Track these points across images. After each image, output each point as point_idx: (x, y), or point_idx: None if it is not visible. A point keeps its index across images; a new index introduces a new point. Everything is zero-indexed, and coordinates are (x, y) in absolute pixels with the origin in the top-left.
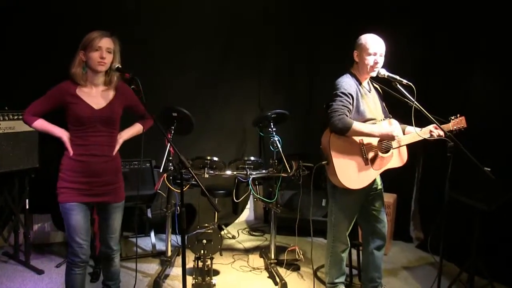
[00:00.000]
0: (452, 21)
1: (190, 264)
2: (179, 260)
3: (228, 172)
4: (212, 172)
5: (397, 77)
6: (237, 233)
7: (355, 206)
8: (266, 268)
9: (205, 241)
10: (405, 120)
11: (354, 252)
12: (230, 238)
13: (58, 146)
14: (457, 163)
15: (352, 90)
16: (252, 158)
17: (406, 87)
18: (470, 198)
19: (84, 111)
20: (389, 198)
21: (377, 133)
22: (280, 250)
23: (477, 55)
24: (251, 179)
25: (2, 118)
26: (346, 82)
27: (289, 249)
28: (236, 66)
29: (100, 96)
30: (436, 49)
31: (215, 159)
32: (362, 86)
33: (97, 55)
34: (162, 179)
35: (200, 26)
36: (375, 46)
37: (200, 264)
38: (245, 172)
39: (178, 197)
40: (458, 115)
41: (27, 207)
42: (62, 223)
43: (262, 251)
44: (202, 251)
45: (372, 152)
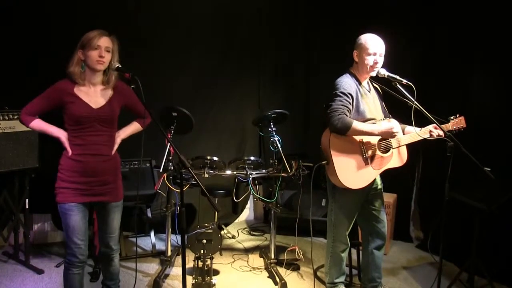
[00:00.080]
0: (452, 21)
1: (190, 264)
2: (179, 259)
3: (228, 172)
4: (212, 172)
5: (397, 77)
6: (237, 233)
7: (355, 206)
8: (266, 268)
9: (205, 241)
10: (405, 120)
11: (354, 252)
12: (230, 238)
13: (58, 146)
14: (457, 163)
15: (351, 90)
16: (252, 158)
17: (406, 87)
18: (470, 198)
19: (82, 110)
20: (389, 198)
21: (377, 131)
22: (280, 250)
23: (477, 55)
24: (251, 179)
25: (2, 117)
26: (346, 82)
27: (289, 249)
28: (236, 66)
29: (99, 95)
30: (436, 49)
31: (215, 159)
32: (362, 86)
33: (96, 54)
34: (162, 179)
35: (200, 26)
36: (374, 46)
37: (200, 264)
38: (245, 172)
39: (178, 197)
40: (457, 115)
41: (27, 206)
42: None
43: (262, 251)
44: (202, 251)
45: (372, 152)
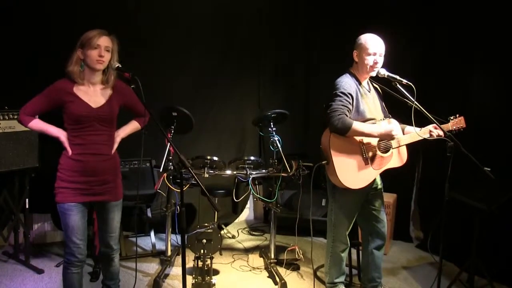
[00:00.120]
0: (452, 21)
1: (190, 264)
2: (179, 259)
3: (228, 172)
4: (212, 171)
5: (397, 77)
6: (237, 232)
7: (355, 205)
8: (266, 267)
9: (205, 240)
10: (405, 120)
11: (354, 251)
12: (230, 237)
13: (58, 146)
14: (457, 163)
15: (351, 90)
16: (252, 158)
17: (406, 87)
18: (470, 198)
19: (82, 110)
20: (389, 198)
21: (376, 133)
22: (280, 249)
23: (477, 55)
24: (251, 178)
25: (2, 117)
26: (346, 82)
27: (289, 248)
28: (236, 66)
29: (98, 94)
30: (436, 49)
31: (215, 158)
32: (362, 86)
33: (96, 54)
34: (162, 178)
35: (200, 26)
36: (374, 46)
37: (200, 264)
38: (245, 172)
39: (178, 197)
40: (457, 115)
41: (27, 206)
42: None
43: (262, 250)
44: (202, 251)
45: (372, 152)
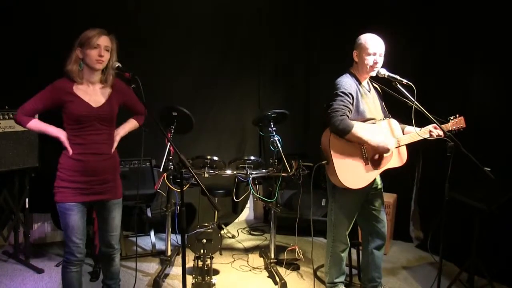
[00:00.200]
0: (452, 21)
1: (190, 264)
2: (179, 259)
3: (228, 172)
4: (212, 171)
5: (397, 77)
6: (237, 232)
7: (355, 205)
8: (266, 267)
9: (205, 240)
10: (405, 120)
11: (354, 251)
12: (230, 237)
13: (58, 146)
14: (457, 163)
15: (352, 89)
16: (252, 158)
17: (406, 87)
18: (470, 198)
19: (82, 110)
20: (389, 198)
21: (374, 142)
22: (280, 249)
23: (477, 55)
24: (251, 178)
25: (2, 117)
26: (346, 82)
27: (289, 248)
28: (236, 66)
29: (98, 93)
30: (436, 49)
31: (215, 158)
32: (362, 85)
33: (96, 53)
34: (162, 178)
35: (200, 26)
36: (374, 46)
37: (200, 264)
38: (245, 172)
39: (178, 197)
40: (457, 115)
41: (27, 206)
42: None
43: (262, 250)
44: (202, 251)
45: (372, 152)
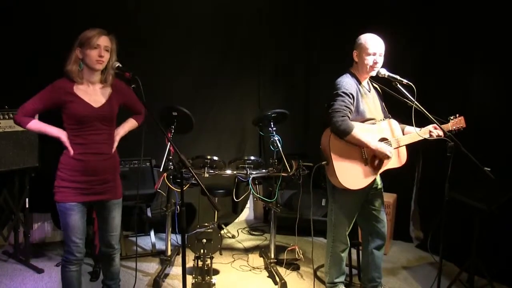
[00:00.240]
0: (452, 21)
1: (190, 264)
2: (179, 259)
3: (228, 172)
4: (212, 171)
5: (397, 77)
6: (237, 232)
7: (354, 206)
8: (266, 267)
9: (205, 240)
10: (405, 120)
11: (354, 251)
12: (230, 237)
13: (58, 145)
14: (457, 163)
15: (352, 89)
16: (252, 158)
17: (406, 87)
18: (470, 198)
19: (83, 110)
20: (389, 198)
21: (373, 146)
22: (279, 249)
23: (477, 55)
24: (251, 178)
25: (2, 117)
26: (347, 82)
27: (289, 248)
28: (236, 66)
29: (98, 93)
30: (436, 49)
31: (215, 158)
32: (362, 85)
33: (96, 54)
34: (162, 178)
35: (200, 26)
36: (374, 46)
37: (200, 264)
38: (245, 172)
39: (178, 196)
40: (457, 115)
41: (27, 206)
42: None
43: (262, 250)
44: (202, 251)
45: (372, 153)
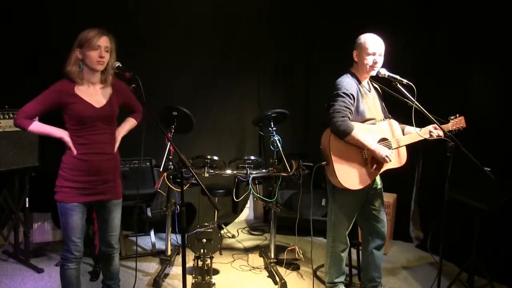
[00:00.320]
0: (452, 21)
1: (190, 263)
2: (179, 259)
3: (228, 171)
4: (212, 171)
5: (398, 77)
6: (236, 232)
7: (354, 206)
8: (266, 267)
9: (205, 240)
10: (405, 120)
11: (354, 251)
12: (230, 237)
13: (57, 145)
14: (457, 163)
15: (353, 90)
16: (252, 158)
17: (406, 87)
18: (470, 198)
19: (85, 110)
20: (389, 198)
21: (372, 148)
22: (279, 249)
23: (477, 55)
24: (251, 178)
25: (2, 116)
26: (347, 82)
27: (289, 248)
28: (236, 66)
29: (99, 94)
30: (436, 49)
31: (215, 158)
32: (362, 85)
33: (96, 54)
34: (162, 178)
35: (200, 26)
36: (374, 45)
37: (200, 263)
38: (245, 172)
39: (178, 196)
40: (457, 115)
41: (27, 205)
42: None
43: (262, 250)
44: (202, 250)
45: (372, 153)
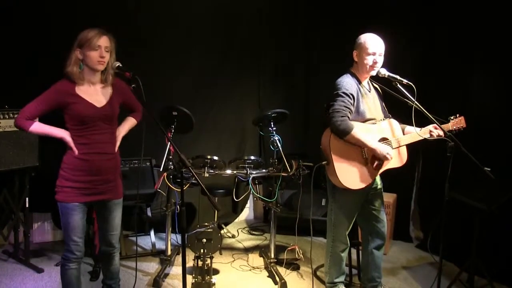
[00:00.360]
0: (452, 21)
1: (190, 263)
2: (179, 259)
3: (228, 171)
4: (212, 171)
5: (398, 77)
6: (236, 232)
7: (354, 205)
8: (266, 267)
9: (205, 240)
10: (405, 120)
11: (354, 251)
12: (230, 237)
13: (57, 145)
14: (457, 163)
15: (353, 90)
16: (252, 157)
17: (406, 87)
18: (470, 198)
19: (87, 110)
20: (389, 198)
21: (373, 146)
22: (279, 249)
23: (477, 55)
24: (251, 178)
25: (2, 116)
26: (347, 82)
27: (289, 248)
28: (236, 66)
29: (100, 94)
30: (436, 49)
31: (215, 158)
32: (362, 85)
33: (97, 55)
34: (162, 178)
35: (200, 26)
36: (374, 45)
37: (200, 263)
38: (245, 171)
39: (178, 196)
40: (457, 115)
41: (27, 205)
42: None
43: (262, 250)
44: (202, 250)
45: (372, 152)
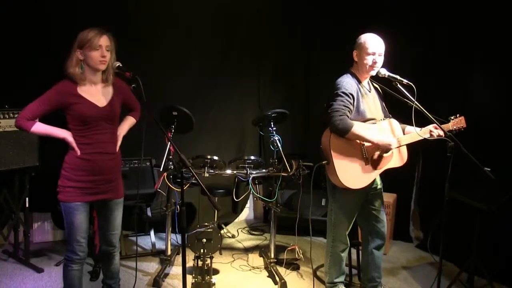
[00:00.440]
0: (452, 21)
1: (190, 263)
2: (179, 259)
3: (228, 171)
4: (212, 171)
5: (398, 77)
6: (236, 232)
7: (354, 205)
8: (266, 267)
9: (205, 240)
10: (405, 120)
11: (354, 251)
12: (229, 237)
13: (57, 145)
14: (457, 163)
15: (353, 89)
16: (252, 157)
17: (406, 87)
18: (470, 198)
19: (89, 110)
20: (389, 198)
21: (375, 140)
22: (279, 249)
23: (477, 55)
24: (251, 178)
25: (2, 116)
26: (347, 82)
27: (289, 248)
28: (236, 66)
29: (101, 93)
30: (436, 49)
31: (215, 158)
32: (362, 85)
33: (98, 54)
34: (162, 178)
35: (200, 26)
36: (374, 45)
37: (200, 263)
38: (245, 171)
39: (178, 196)
40: (457, 115)
41: (27, 205)
42: (62, 222)
43: (262, 250)
44: (202, 250)
45: (372, 152)
